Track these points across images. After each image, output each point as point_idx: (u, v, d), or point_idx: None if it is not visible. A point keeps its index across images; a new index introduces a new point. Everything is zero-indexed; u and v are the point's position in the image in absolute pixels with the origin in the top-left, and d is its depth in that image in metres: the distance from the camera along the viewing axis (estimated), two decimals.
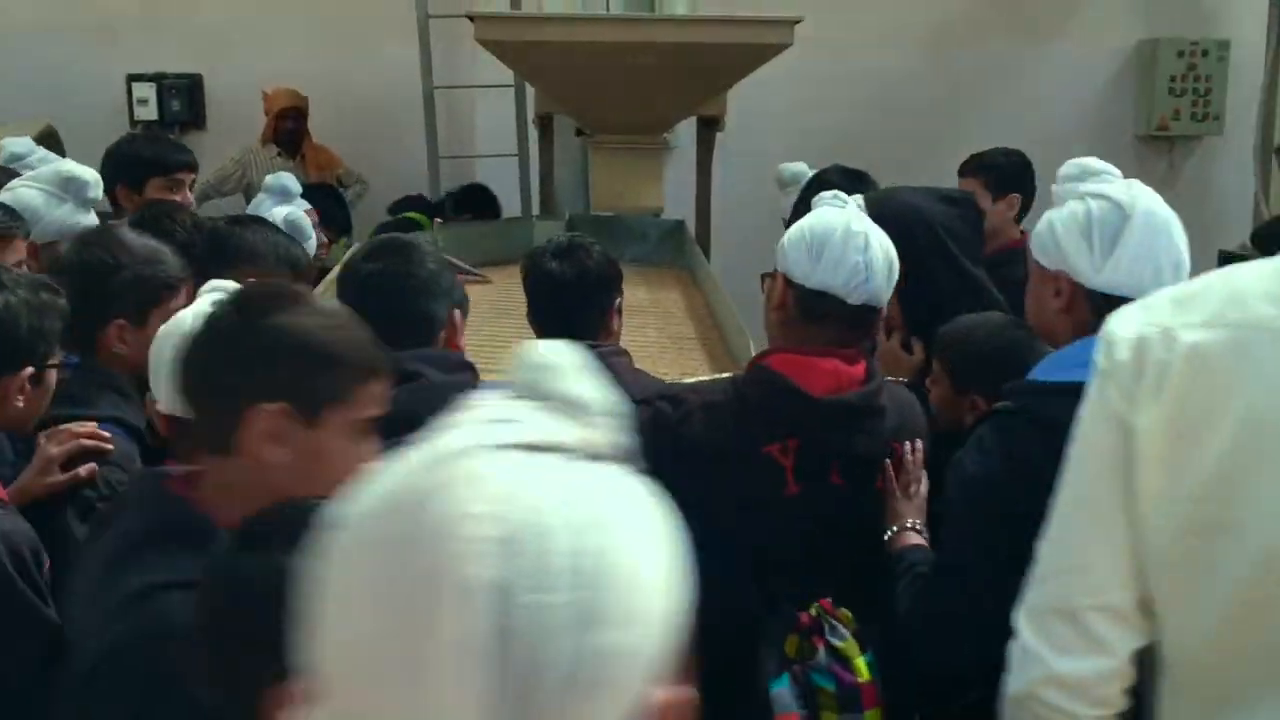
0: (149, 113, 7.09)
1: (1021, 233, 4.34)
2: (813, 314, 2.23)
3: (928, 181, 4.69)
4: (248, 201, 5.91)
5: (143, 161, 3.51)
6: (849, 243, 2.20)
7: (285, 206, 3.76)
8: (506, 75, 5.83)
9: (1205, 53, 7.24)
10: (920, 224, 2.82)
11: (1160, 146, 7.54)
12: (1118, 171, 2.14)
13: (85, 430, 2.13)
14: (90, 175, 3.12)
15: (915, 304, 2.72)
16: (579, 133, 5.14)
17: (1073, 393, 1.81)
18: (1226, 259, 6.29)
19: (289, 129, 6.58)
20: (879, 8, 7.30)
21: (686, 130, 5.65)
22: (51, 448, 2.09)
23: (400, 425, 1.99)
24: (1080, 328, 2.00)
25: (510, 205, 6.34)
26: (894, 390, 2.36)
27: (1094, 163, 2.15)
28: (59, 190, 3.06)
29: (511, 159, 6.36)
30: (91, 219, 3.10)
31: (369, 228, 6.58)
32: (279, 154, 6.58)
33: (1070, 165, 2.16)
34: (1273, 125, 6.33)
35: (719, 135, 5.42)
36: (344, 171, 6.79)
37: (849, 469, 2.23)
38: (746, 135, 6.13)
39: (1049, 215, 2.13)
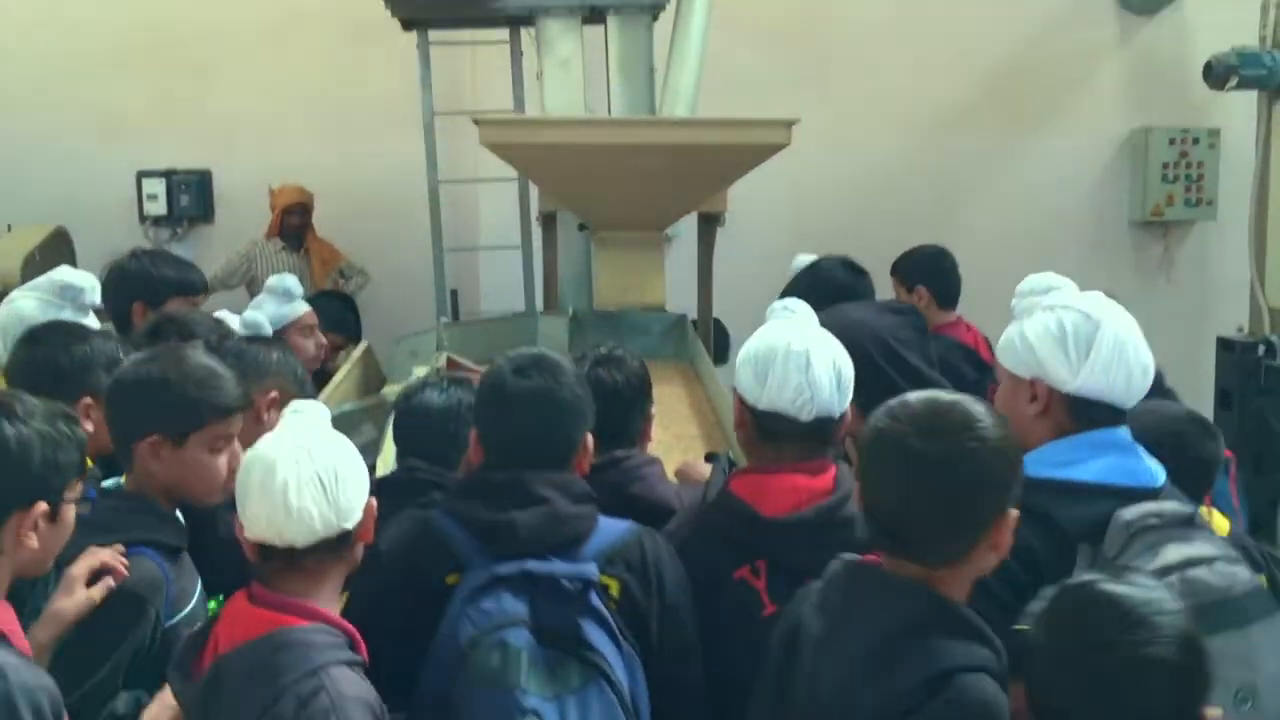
0: (158, 208, 7.21)
1: (958, 319, 4.43)
2: (769, 434, 2.30)
3: None
4: (251, 294, 5.99)
5: (167, 283, 3.57)
6: (790, 363, 2.27)
7: (269, 308, 3.82)
8: (510, 169, 5.92)
9: (1196, 140, 7.38)
10: (869, 337, 2.92)
11: (1155, 232, 7.64)
12: (1073, 284, 2.27)
13: (107, 552, 2.14)
14: (86, 280, 3.14)
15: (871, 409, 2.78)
16: (582, 227, 5.21)
17: (1065, 490, 2.07)
18: (1225, 346, 6.36)
19: (294, 224, 6.69)
20: (876, 97, 7.45)
21: (687, 220, 5.73)
22: (74, 568, 2.10)
23: (528, 548, 2.09)
24: (1057, 429, 2.15)
25: (514, 299, 6.40)
26: None
27: (1052, 278, 2.29)
28: (55, 298, 3.11)
29: (515, 251, 6.44)
30: (90, 323, 3.12)
31: (368, 319, 6.71)
32: (284, 248, 6.68)
33: (1030, 280, 2.30)
34: (1266, 210, 6.41)
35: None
36: (346, 264, 6.89)
37: None
38: (745, 220, 6.21)
39: (1017, 328, 2.24)
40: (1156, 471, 2.17)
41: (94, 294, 3.15)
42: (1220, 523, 2.80)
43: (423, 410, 2.71)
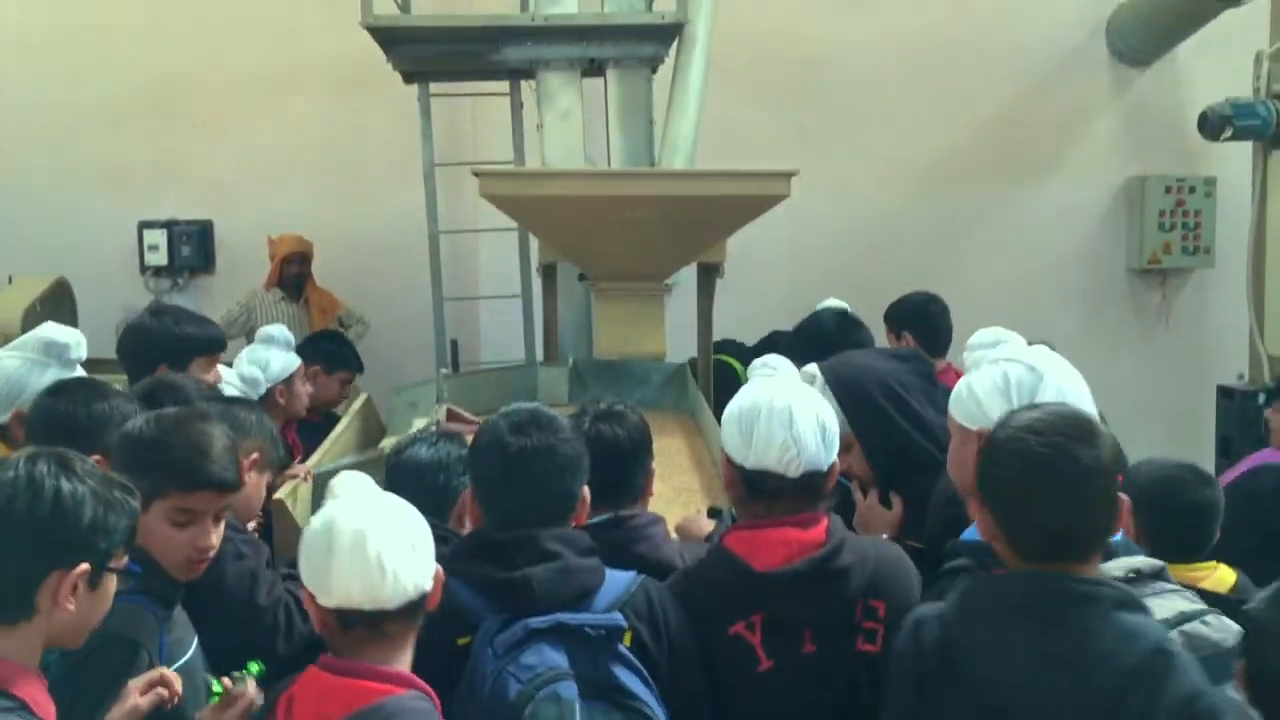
0: (159, 258, 7.24)
1: (947, 366, 4.45)
2: (760, 492, 2.32)
3: None
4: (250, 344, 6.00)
5: (191, 342, 3.56)
6: (774, 420, 2.29)
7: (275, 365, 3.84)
8: (510, 219, 5.96)
9: (1193, 189, 7.43)
10: (874, 383, 2.96)
11: (1153, 280, 7.66)
12: (1021, 338, 2.39)
13: (171, 673, 2.14)
14: (71, 337, 3.13)
15: (882, 458, 2.82)
16: (582, 277, 5.22)
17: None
18: (1225, 394, 6.36)
19: (293, 274, 6.71)
20: (873, 148, 7.50)
21: (687, 269, 5.75)
22: (134, 681, 2.10)
23: (544, 604, 2.11)
24: None
25: (514, 348, 6.41)
26: (866, 546, 2.39)
27: (1000, 332, 2.43)
28: (41, 355, 3.10)
29: (515, 300, 6.45)
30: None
31: (368, 368, 6.71)
32: (283, 298, 6.71)
33: (979, 335, 2.44)
34: (1263, 258, 6.43)
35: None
36: (345, 312, 6.91)
37: (821, 635, 2.27)
38: (745, 270, 6.23)
39: (965, 380, 2.36)
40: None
41: (79, 349, 3.14)
42: (1225, 575, 2.80)
43: (412, 465, 2.74)
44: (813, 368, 2.97)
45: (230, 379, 3.59)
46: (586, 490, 2.33)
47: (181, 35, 7.23)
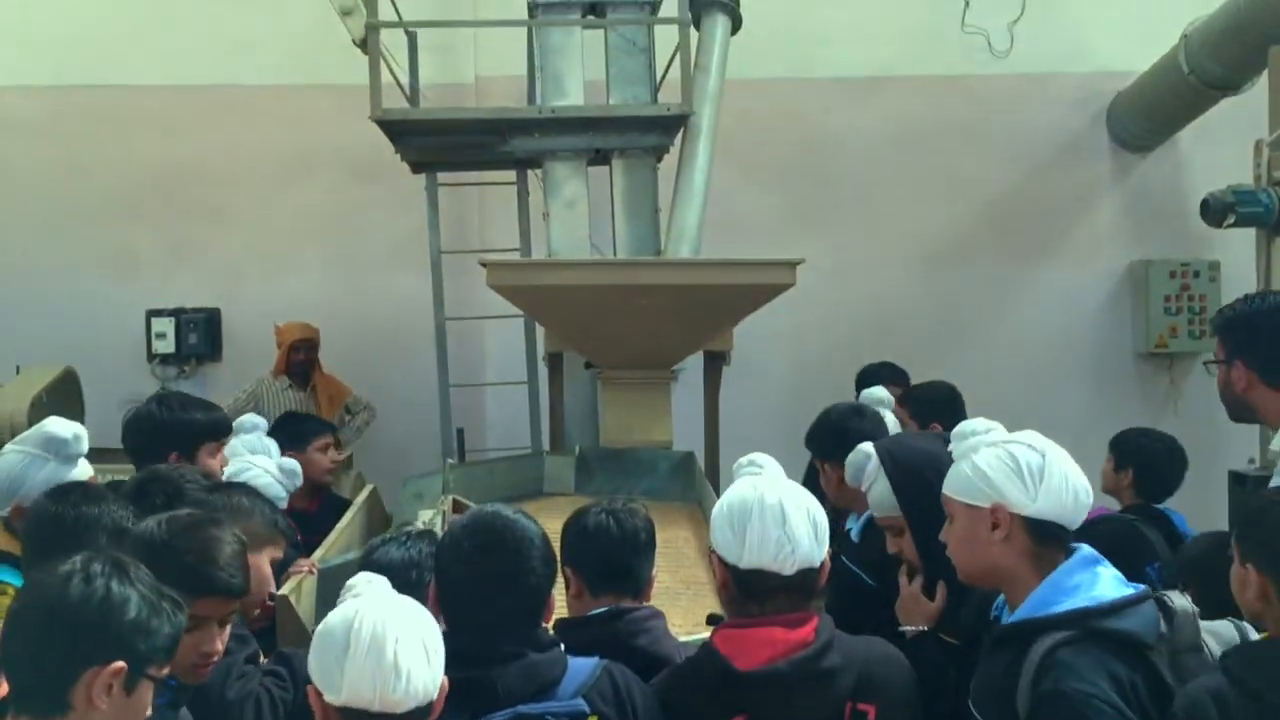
0: (166, 346, 7.26)
1: None
2: (753, 591, 2.31)
3: None
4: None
5: (199, 429, 3.55)
6: (767, 518, 2.29)
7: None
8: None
9: (1197, 273, 7.45)
10: (930, 468, 2.87)
11: (1160, 364, 7.65)
12: (1002, 427, 2.49)
13: None
14: (70, 431, 3.11)
15: (935, 546, 2.74)
16: (588, 365, 5.23)
17: (1113, 610, 2.19)
18: (1237, 480, 6.28)
19: (300, 360, 6.71)
20: (877, 231, 7.55)
21: (693, 356, 5.75)
22: None
23: (507, 700, 2.10)
24: (1021, 551, 2.29)
25: (520, 435, 6.40)
26: (857, 646, 2.36)
27: (984, 421, 2.52)
28: (40, 450, 3.09)
29: (521, 387, 6.45)
30: (80, 471, 3.10)
31: (374, 454, 6.69)
32: (290, 385, 6.70)
33: (968, 424, 2.51)
34: None
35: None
36: (353, 399, 6.90)
37: None
38: (750, 356, 6.24)
39: (966, 464, 2.39)
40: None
41: (79, 444, 3.12)
42: None
43: (380, 565, 2.71)
44: (868, 447, 2.94)
45: (269, 468, 3.58)
46: (554, 595, 2.35)
47: (192, 124, 7.34)
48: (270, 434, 4.04)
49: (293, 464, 3.69)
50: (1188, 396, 7.59)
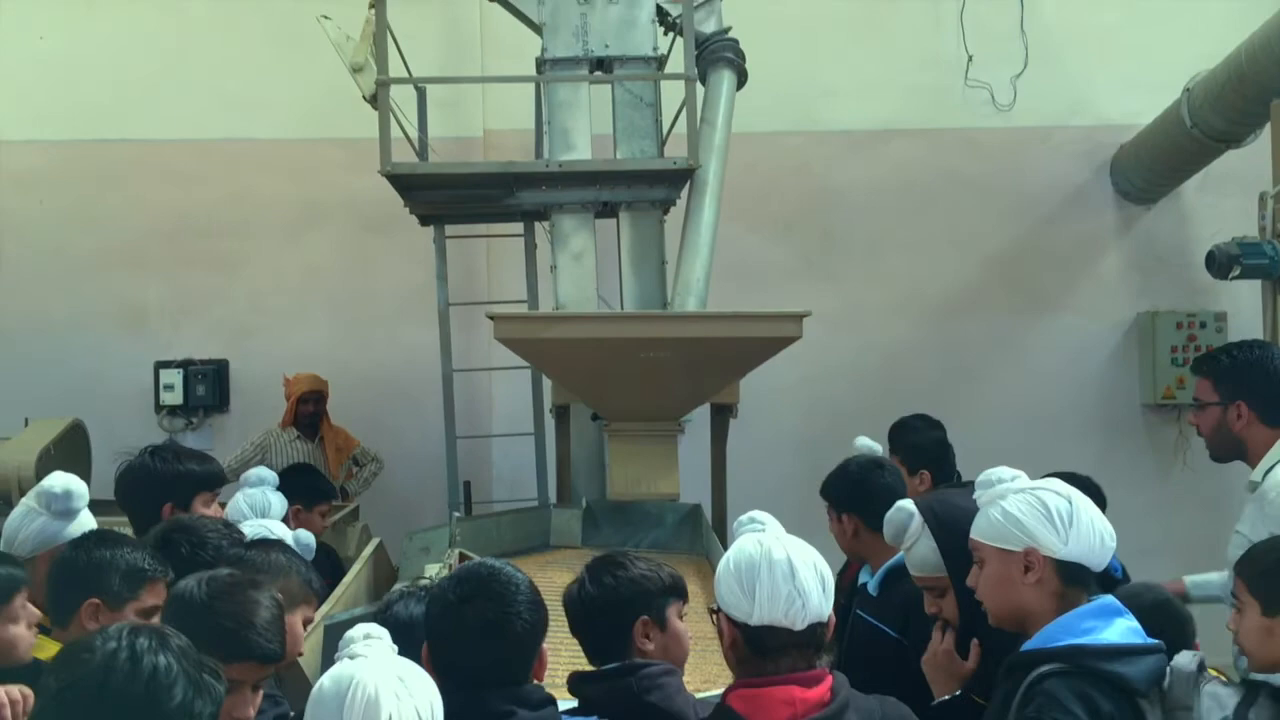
0: (174, 398, 7.28)
1: None
2: (765, 649, 2.28)
3: None
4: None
5: (193, 479, 3.54)
6: (776, 574, 2.27)
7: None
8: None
9: (1203, 324, 7.46)
10: (969, 521, 2.86)
11: (1168, 415, 7.63)
12: (1025, 475, 2.56)
13: None
14: (64, 486, 3.06)
15: (977, 606, 2.71)
16: (595, 416, 5.23)
17: (1115, 653, 2.30)
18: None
19: (308, 412, 6.72)
20: (883, 282, 7.58)
21: (700, 408, 5.75)
22: None
23: None
24: (1052, 594, 2.41)
25: (526, 486, 6.38)
26: (873, 707, 2.34)
27: (1006, 470, 2.57)
28: (35, 503, 3.06)
29: (528, 438, 6.45)
30: (75, 528, 3.04)
31: (381, 506, 6.67)
32: (298, 437, 6.70)
33: (997, 471, 2.57)
34: None
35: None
36: (360, 451, 6.90)
37: None
38: (756, 407, 6.23)
39: (995, 510, 2.48)
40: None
41: (75, 499, 3.06)
42: None
43: (398, 621, 2.70)
44: (910, 505, 2.93)
45: (286, 538, 3.56)
46: (545, 648, 2.34)
47: (202, 177, 7.41)
48: (282, 482, 4.04)
49: (309, 538, 3.67)
50: (1196, 447, 7.47)
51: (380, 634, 2.05)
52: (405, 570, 4.29)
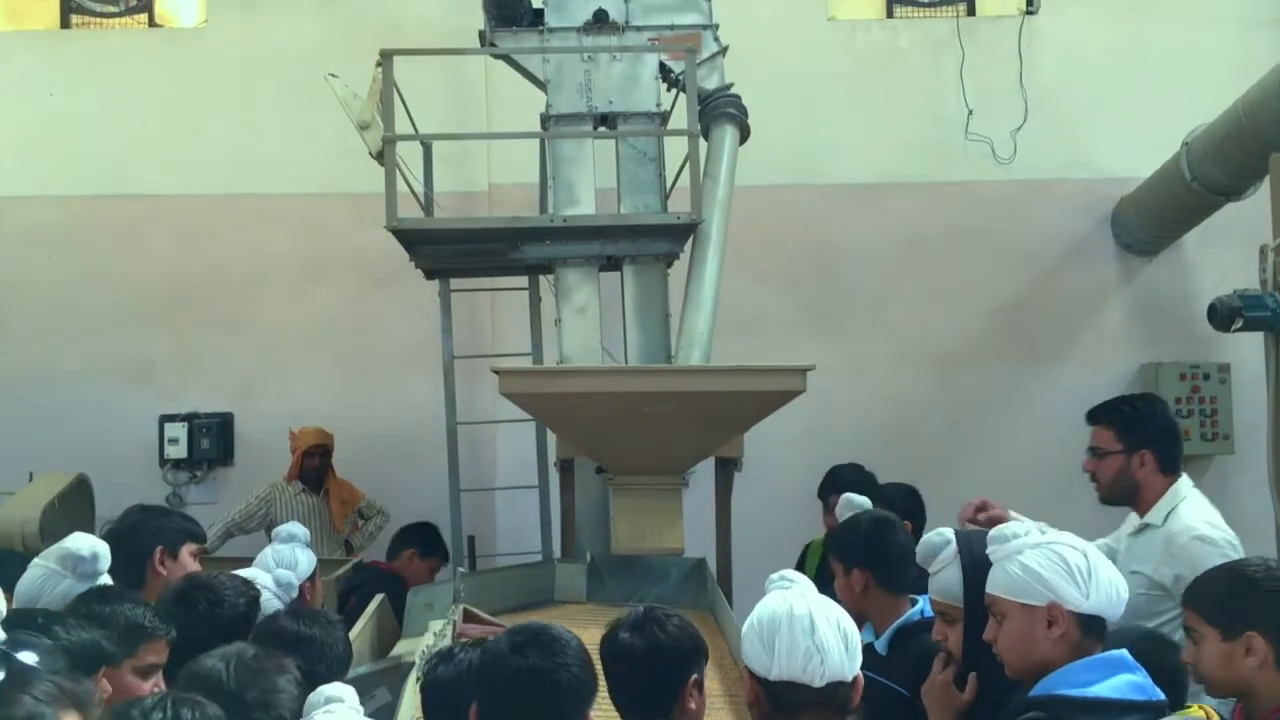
0: (179, 451, 7.29)
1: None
2: (785, 705, 2.31)
3: (940, 503, 4.83)
4: (269, 537, 5.96)
5: (183, 529, 3.61)
6: (795, 628, 2.30)
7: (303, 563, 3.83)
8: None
9: (1207, 376, 7.46)
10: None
11: None
12: (1035, 528, 2.58)
13: None
14: (88, 549, 3.10)
15: (981, 643, 2.72)
16: (599, 470, 5.23)
17: (1100, 707, 2.32)
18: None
19: (314, 466, 6.71)
20: (888, 335, 7.60)
21: (704, 462, 5.74)
22: None
23: None
24: (1074, 646, 2.44)
25: (530, 540, 6.35)
26: None
27: (1021, 525, 2.59)
28: (58, 566, 3.09)
29: (532, 491, 6.43)
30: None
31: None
32: (303, 490, 6.69)
33: (1005, 528, 2.58)
34: None
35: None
36: (366, 504, 6.89)
37: None
38: (761, 460, 6.21)
39: (1013, 565, 2.50)
40: (1155, 687, 2.42)
41: (95, 561, 3.11)
42: None
43: (440, 684, 2.68)
44: (948, 532, 2.94)
45: (265, 583, 3.56)
46: (591, 715, 2.30)
47: (209, 232, 7.48)
48: None
49: (289, 578, 3.70)
50: None
51: (343, 694, 2.04)
52: (410, 627, 4.27)
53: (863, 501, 4.18)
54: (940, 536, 2.93)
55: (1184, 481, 3.68)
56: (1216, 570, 2.75)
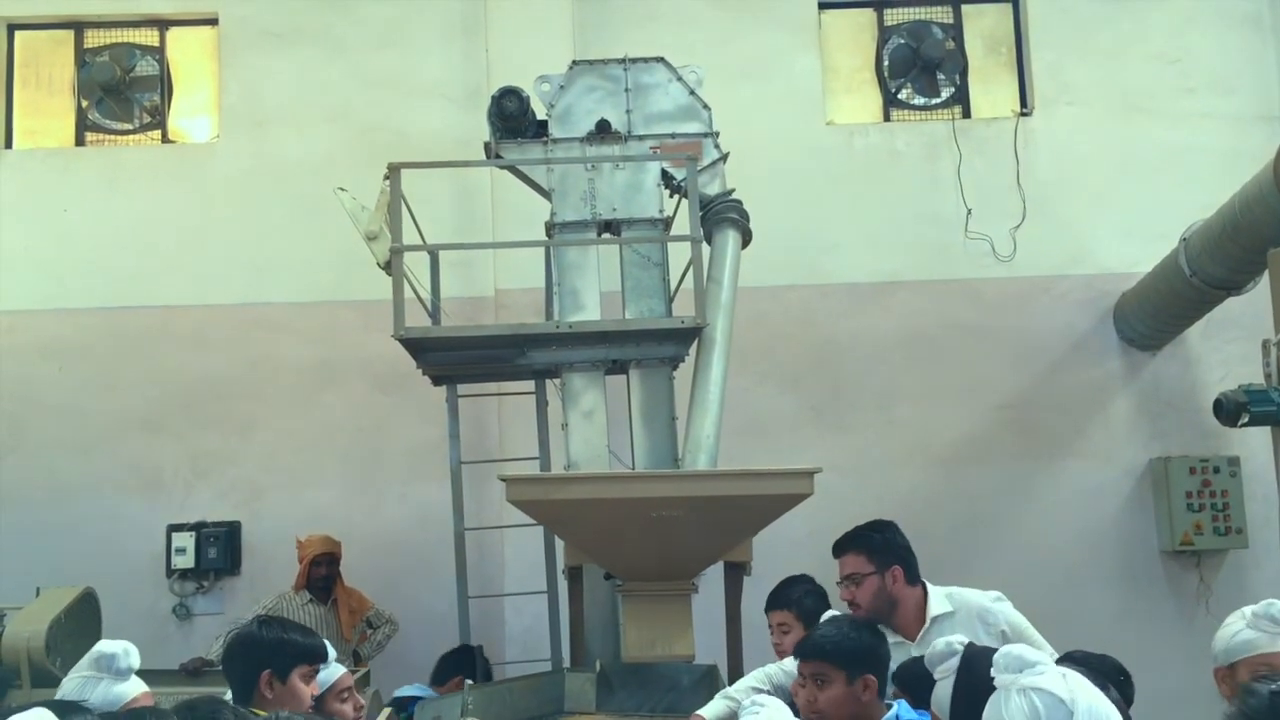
0: (186, 561, 7.26)
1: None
2: None
3: None
4: None
5: (296, 648, 3.47)
6: None
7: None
8: None
9: (1217, 469, 7.42)
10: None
11: (1187, 562, 7.54)
12: (1049, 659, 2.34)
13: None
14: (118, 646, 3.19)
15: None
16: (608, 576, 5.19)
17: None
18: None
19: (321, 574, 6.65)
20: (894, 433, 7.59)
21: (713, 566, 5.70)
22: None
23: None
24: None
25: (539, 646, 6.30)
26: None
27: (1029, 653, 2.34)
28: (94, 670, 3.15)
29: (541, 596, 6.39)
30: (133, 688, 3.16)
31: (393, 669, 6.56)
32: (311, 600, 6.62)
33: (1006, 656, 2.34)
34: None
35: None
36: (374, 613, 6.82)
37: None
38: (767, 557, 6.15)
39: (998, 706, 2.28)
40: None
41: (128, 657, 3.18)
42: None
43: None
44: (957, 645, 2.87)
45: None
46: None
47: (219, 341, 7.54)
48: None
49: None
50: (1219, 593, 7.45)
51: None
52: None
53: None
54: (950, 647, 2.88)
55: (927, 586, 4.03)
56: None
